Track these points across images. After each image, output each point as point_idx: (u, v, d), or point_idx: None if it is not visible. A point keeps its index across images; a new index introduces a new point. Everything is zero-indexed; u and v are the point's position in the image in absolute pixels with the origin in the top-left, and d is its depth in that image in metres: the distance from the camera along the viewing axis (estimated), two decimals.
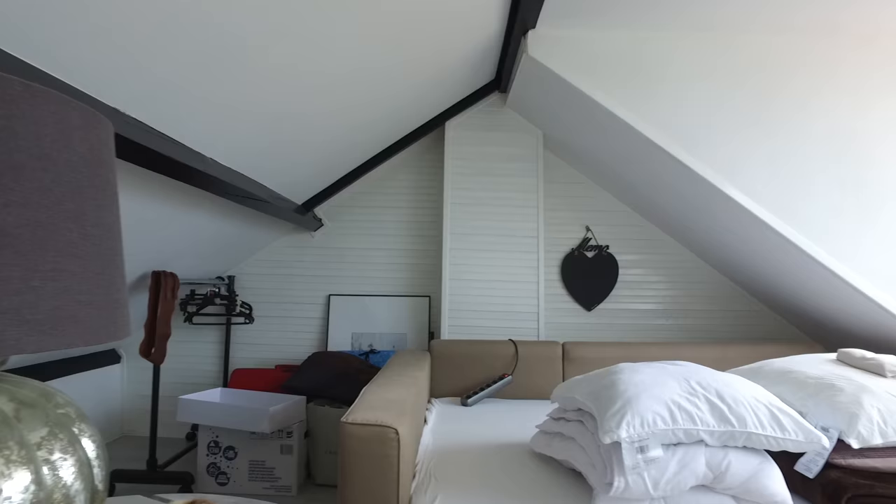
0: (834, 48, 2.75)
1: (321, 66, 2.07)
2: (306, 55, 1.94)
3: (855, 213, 2.68)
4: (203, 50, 1.58)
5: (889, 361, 1.79)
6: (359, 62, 2.21)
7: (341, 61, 2.13)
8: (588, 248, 3.54)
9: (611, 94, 2.68)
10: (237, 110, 2.02)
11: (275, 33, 1.72)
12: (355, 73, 2.29)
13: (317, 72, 2.09)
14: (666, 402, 1.51)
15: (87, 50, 1.36)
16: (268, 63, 1.84)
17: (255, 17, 1.59)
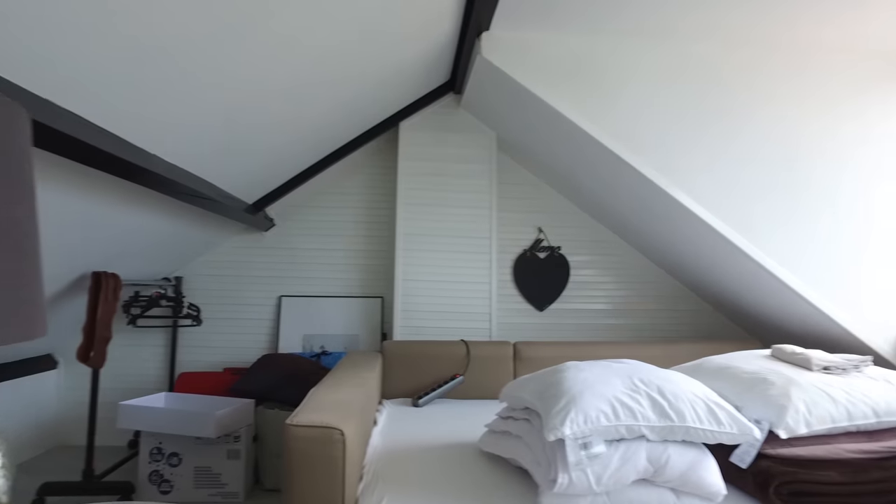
0: (781, 62, 2.88)
1: (271, 65, 2.03)
2: (255, 54, 1.90)
3: (793, 217, 2.81)
4: (146, 44, 1.54)
5: (815, 356, 1.88)
6: (310, 61, 2.18)
7: (292, 61, 2.10)
8: (540, 249, 3.59)
9: (564, 98, 2.73)
10: (184, 107, 1.97)
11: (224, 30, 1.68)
12: (307, 72, 2.26)
13: (267, 70, 2.06)
14: (609, 399, 1.54)
15: (16, 34, 1.30)
16: (217, 60, 1.80)
17: (202, 11, 1.55)
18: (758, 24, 2.65)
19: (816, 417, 1.67)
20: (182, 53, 1.66)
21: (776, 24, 2.67)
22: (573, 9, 2.56)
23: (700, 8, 2.52)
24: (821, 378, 1.80)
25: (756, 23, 2.64)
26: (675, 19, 2.62)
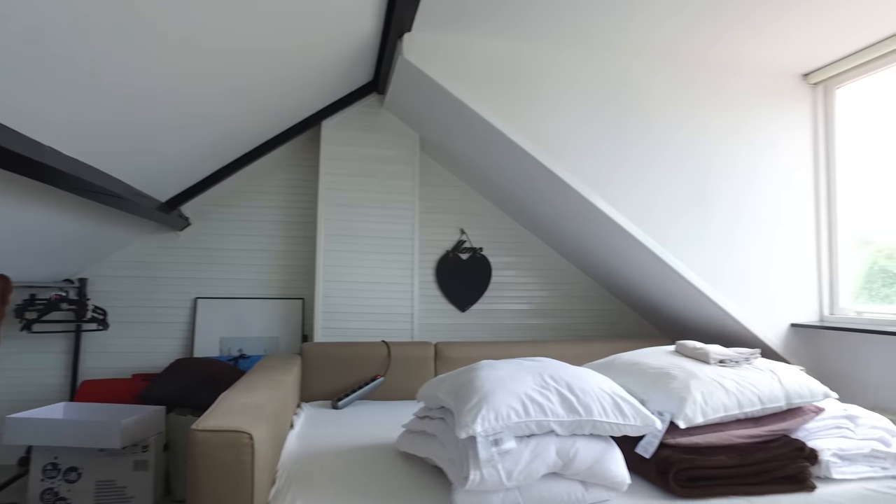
0: (697, 75, 3.06)
1: (185, 57, 1.95)
2: (168, 44, 1.82)
3: (698, 221, 2.99)
4: (41, 27, 1.43)
5: (713, 350, 2.01)
6: (227, 56, 2.11)
7: (208, 54, 2.02)
8: (462, 251, 3.64)
9: (485, 102, 2.78)
10: (85, 95, 1.85)
11: (127, 13, 1.59)
12: (224, 66, 2.18)
13: (182, 62, 1.97)
14: (520, 395, 1.58)
15: None
16: (121, 44, 1.70)
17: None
18: (676, 39, 2.80)
19: (711, 407, 1.79)
20: (77, 39, 1.56)
21: (695, 41, 2.84)
22: (496, 14, 2.61)
23: (619, 20, 2.63)
24: (716, 371, 1.92)
25: (674, 38, 2.79)
26: (594, 29, 2.73)
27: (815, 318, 3.14)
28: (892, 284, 2.89)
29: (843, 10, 2.51)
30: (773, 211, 3.11)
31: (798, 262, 3.14)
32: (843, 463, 1.85)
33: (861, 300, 3.02)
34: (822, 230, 3.17)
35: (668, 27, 2.69)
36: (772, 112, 3.16)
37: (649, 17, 2.60)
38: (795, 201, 3.16)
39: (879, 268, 2.96)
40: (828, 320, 3.11)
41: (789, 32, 2.72)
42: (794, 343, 3.08)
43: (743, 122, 3.10)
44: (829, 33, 2.72)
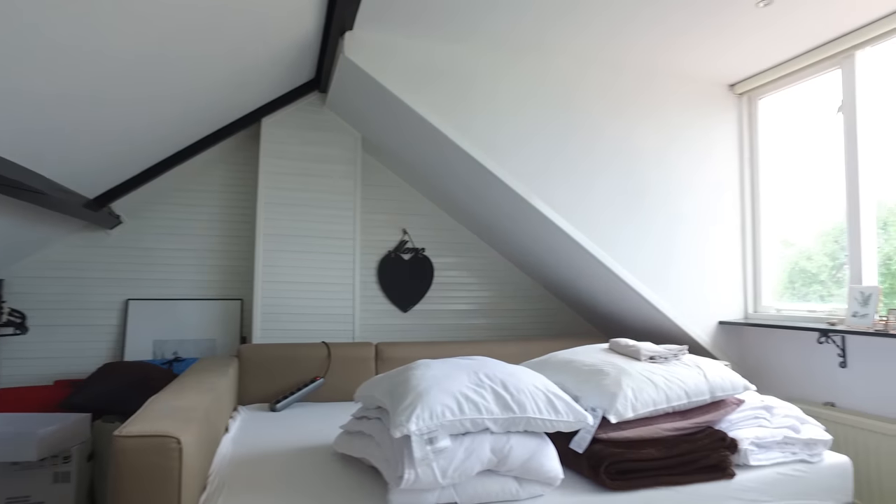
0: (634, 83, 3.16)
1: (116, 47, 1.86)
2: (96, 32, 1.73)
3: (633, 222, 3.09)
4: None
5: (644, 347, 2.09)
6: (161, 49, 2.03)
7: (141, 46, 1.94)
8: (404, 251, 3.63)
9: (427, 102, 2.78)
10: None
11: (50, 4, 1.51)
12: (157, 58, 2.10)
13: (111, 52, 1.88)
14: (455, 394, 1.59)
15: None
16: (44, 34, 1.61)
17: None
18: (615, 48, 2.89)
19: (641, 402, 1.85)
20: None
21: (632, 50, 2.94)
22: (438, 16, 2.62)
23: (560, 28, 2.69)
24: (647, 367, 2.00)
25: (614, 47, 2.88)
26: (536, 35, 2.78)
27: (740, 316, 3.30)
28: (810, 284, 3.08)
29: (765, 26, 2.65)
30: (703, 214, 3.26)
31: (726, 262, 3.30)
32: (759, 450, 1.96)
33: (784, 298, 3.20)
34: (748, 233, 3.35)
35: (607, 37, 2.78)
36: (703, 120, 3.31)
37: (589, 26, 2.68)
38: (724, 205, 3.32)
39: (800, 269, 3.15)
40: (751, 318, 3.28)
41: (718, 45, 2.85)
42: (721, 339, 3.23)
43: (676, 128, 3.23)
44: (752, 47, 2.88)
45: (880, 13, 2.54)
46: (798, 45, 2.85)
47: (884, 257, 2.75)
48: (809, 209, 3.07)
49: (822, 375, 2.82)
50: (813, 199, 3.04)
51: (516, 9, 2.52)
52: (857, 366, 2.67)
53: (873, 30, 2.62)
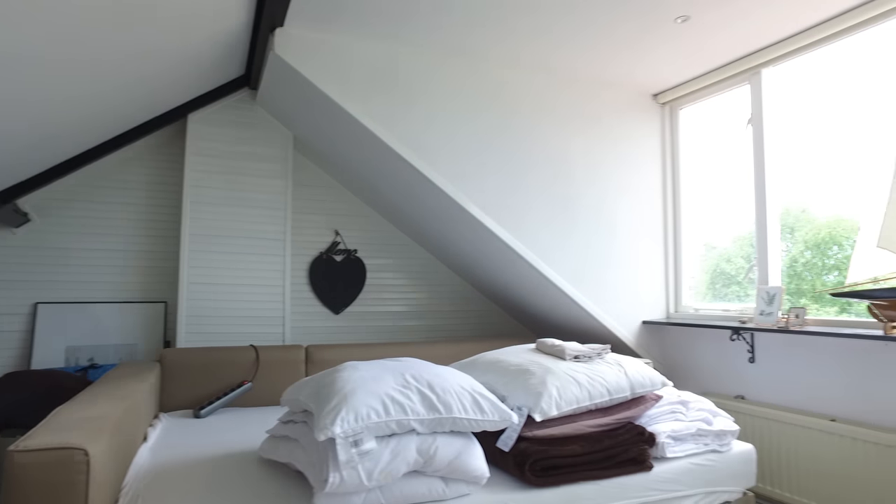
0: (559, 88, 3.24)
1: (25, 37, 1.74)
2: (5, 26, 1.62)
3: (561, 225, 3.18)
4: None
5: (569, 346, 2.15)
6: (75, 38, 1.92)
7: (54, 36, 1.82)
8: (337, 252, 3.59)
9: (360, 103, 2.76)
10: None
11: None
12: (71, 48, 1.98)
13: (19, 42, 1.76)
14: (380, 395, 1.59)
15: None
16: None
17: None
18: (547, 55, 2.96)
19: (565, 400, 1.91)
20: None
21: (563, 58, 3.02)
22: (374, 17, 2.61)
23: (493, 34, 2.73)
24: (571, 366, 2.06)
25: (545, 55, 2.95)
26: (470, 40, 2.81)
27: (662, 316, 3.46)
28: (729, 285, 3.26)
29: (684, 41, 2.80)
30: (629, 217, 3.40)
31: (649, 264, 3.45)
32: (675, 443, 2.06)
33: (707, 299, 3.37)
34: (670, 236, 3.51)
35: (539, 44, 2.85)
36: (628, 126, 3.44)
37: (521, 33, 2.73)
38: (648, 209, 3.47)
39: (720, 270, 3.33)
40: (672, 317, 3.45)
41: (641, 56, 2.98)
42: (644, 338, 3.38)
43: (603, 133, 3.35)
44: (672, 60, 3.03)
45: (783, 35, 2.73)
46: (712, 60, 3.02)
47: (791, 260, 2.95)
48: (727, 214, 3.25)
49: (734, 370, 3.00)
50: (730, 204, 3.22)
51: (444, 10, 2.55)
52: (763, 361, 2.85)
53: (777, 50, 2.81)
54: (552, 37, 2.78)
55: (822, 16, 2.56)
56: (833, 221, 2.79)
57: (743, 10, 2.52)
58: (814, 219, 2.88)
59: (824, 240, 2.83)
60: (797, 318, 2.63)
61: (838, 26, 2.55)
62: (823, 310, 2.76)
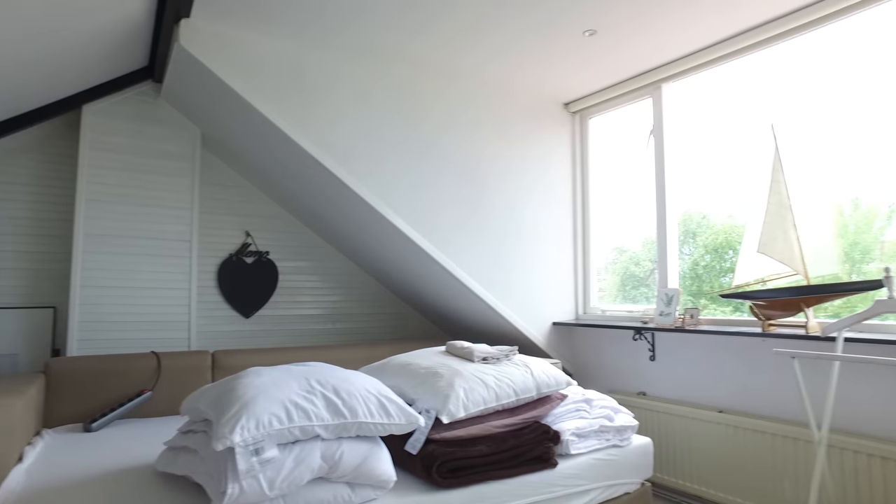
0: (472, 93, 3.28)
1: None
2: None
3: (474, 228, 3.23)
4: None
5: (477, 349, 2.19)
6: None
7: None
8: (247, 254, 3.46)
9: (271, 102, 2.68)
10: None
11: None
12: None
13: None
14: (283, 402, 1.55)
15: None
16: None
17: None
18: (459, 60, 3.00)
19: (473, 402, 1.94)
20: None
21: (475, 64, 3.06)
22: (282, 13, 2.54)
23: (406, 36, 2.74)
24: (479, 368, 2.09)
25: (457, 59, 2.98)
26: (383, 41, 2.80)
27: (571, 317, 3.59)
28: (638, 287, 3.43)
29: (591, 53, 2.92)
30: (540, 222, 3.50)
31: (559, 267, 3.57)
32: (579, 440, 2.14)
33: (618, 300, 3.53)
34: (579, 240, 3.66)
35: (450, 48, 2.88)
36: (540, 133, 3.55)
37: (432, 37, 2.75)
38: (558, 214, 3.59)
39: (630, 273, 3.49)
40: (581, 318, 3.58)
41: (551, 66, 3.09)
42: (554, 339, 3.49)
43: (515, 139, 3.44)
44: (581, 71, 3.15)
45: (682, 53, 2.92)
46: (618, 73, 3.18)
47: (693, 263, 3.15)
48: (635, 219, 3.41)
49: (637, 368, 3.16)
50: (637, 210, 3.38)
51: (355, 10, 2.53)
52: (663, 358, 3.02)
53: (676, 67, 3.00)
54: (464, 41, 2.82)
55: (717, 37, 2.75)
56: (728, 227, 3.01)
57: (645, 28, 2.66)
58: (713, 224, 3.09)
59: (721, 244, 3.04)
60: (692, 318, 2.82)
61: (732, 47, 2.75)
62: (721, 310, 2.96)
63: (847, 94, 2.50)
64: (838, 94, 2.53)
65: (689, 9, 2.51)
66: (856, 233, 2.59)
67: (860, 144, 2.46)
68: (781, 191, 2.56)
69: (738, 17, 2.58)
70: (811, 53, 2.62)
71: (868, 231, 2.55)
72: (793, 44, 2.64)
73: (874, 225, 2.53)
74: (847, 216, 2.60)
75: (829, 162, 2.58)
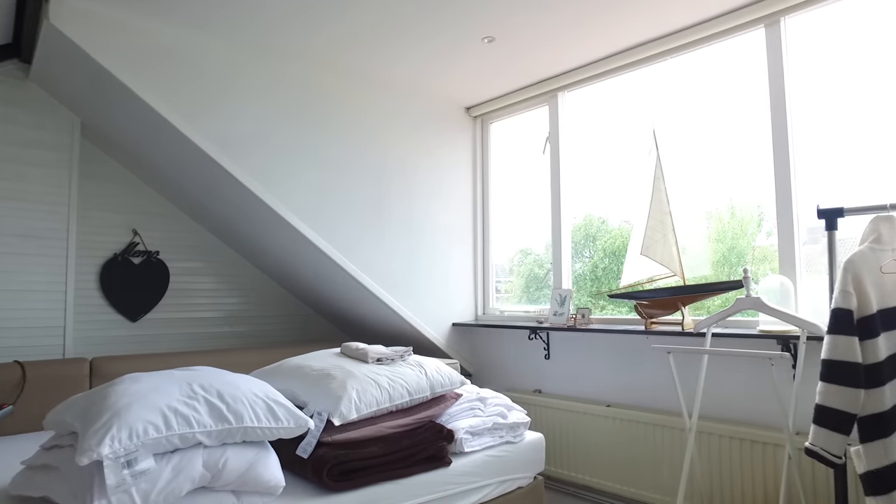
0: (375, 94, 3.26)
1: None
2: None
3: (375, 230, 3.21)
4: None
5: (372, 350, 2.18)
6: None
7: None
8: (135, 254, 3.24)
9: (157, 91, 2.53)
10: None
11: None
12: None
13: None
14: (161, 409, 1.47)
15: None
16: None
17: None
18: (362, 61, 2.97)
19: (365, 403, 1.93)
20: None
21: (379, 66, 3.05)
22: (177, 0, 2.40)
23: (307, 32, 2.67)
24: (374, 369, 2.09)
25: (361, 60, 2.95)
26: (283, 36, 2.72)
27: (471, 318, 3.66)
28: (541, 288, 3.54)
29: (490, 60, 3.00)
30: (441, 225, 3.54)
31: (461, 269, 3.63)
32: (473, 438, 2.18)
33: (522, 301, 3.62)
34: (479, 242, 3.74)
35: (354, 49, 2.85)
36: (442, 136, 3.60)
37: (334, 36, 2.71)
38: (460, 216, 3.65)
39: (534, 275, 3.60)
40: (481, 319, 3.67)
41: (451, 70, 3.14)
42: (454, 339, 3.55)
43: (419, 142, 3.46)
44: (481, 77, 3.23)
45: (577, 64, 3.06)
46: (516, 81, 3.28)
47: (593, 265, 3.30)
48: (537, 222, 3.51)
49: (533, 366, 3.28)
50: (539, 213, 3.48)
51: (255, 4, 2.45)
52: (557, 357, 3.16)
53: (570, 77, 3.15)
54: (366, 43, 2.81)
55: (608, 51, 2.91)
56: (625, 231, 3.18)
57: (543, 38, 2.77)
58: (611, 229, 3.25)
59: (619, 248, 3.21)
60: (583, 317, 2.96)
61: (622, 61, 2.93)
62: (618, 310, 3.11)
63: (722, 109, 2.74)
64: (715, 109, 2.76)
65: (580, 27, 2.63)
66: (733, 238, 2.83)
67: (733, 156, 2.70)
68: (662, 197, 2.76)
69: (626, 35, 2.75)
70: (692, 71, 2.84)
71: (743, 236, 2.80)
72: (679, 60, 2.84)
73: (748, 231, 2.78)
74: (725, 223, 2.84)
75: (706, 171, 2.80)
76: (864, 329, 1.66)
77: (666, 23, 2.64)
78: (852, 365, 1.63)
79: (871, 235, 1.76)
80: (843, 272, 1.69)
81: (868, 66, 2.30)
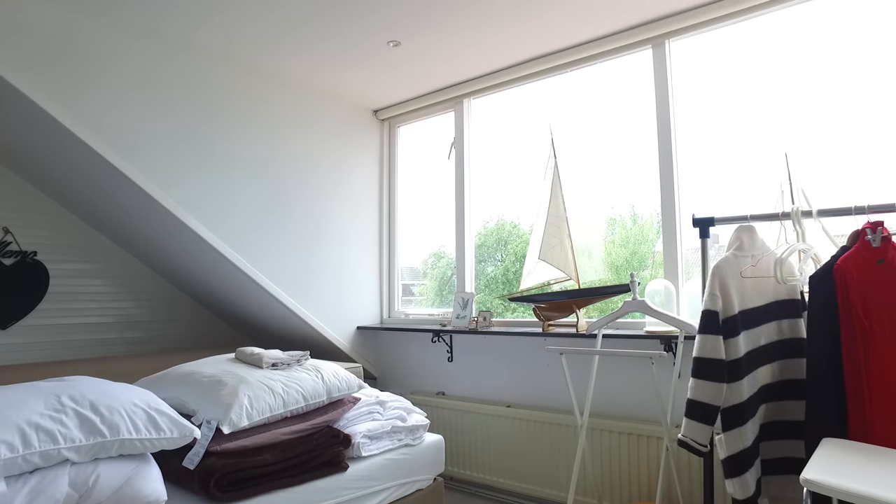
0: (257, 85, 3.13)
1: None
2: None
3: (277, 232, 3.12)
4: None
5: (267, 354, 2.13)
6: None
7: None
8: (6, 254, 2.97)
9: (25, 72, 2.30)
10: None
11: None
12: None
13: None
14: (20, 425, 1.36)
15: None
16: None
17: None
18: (256, 53, 2.87)
19: (257, 409, 1.88)
20: None
21: (275, 60, 2.95)
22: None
23: (198, 21, 2.55)
24: (268, 374, 2.03)
25: (255, 52, 2.85)
26: (173, 23, 2.58)
27: (376, 321, 3.65)
28: (454, 291, 3.56)
29: (396, 64, 3.01)
30: (346, 226, 3.51)
31: (366, 272, 3.61)
32: (371, 442, 2.18)
33: (436, 304, 3.63)
34: (385, 245, 3.73)
35: (246, 40, 2.74)
36: (347, 138, 3.56)
37: (227, 25, 2.60)
38: (366, 219, 3.63)
39: (447, 278, 3.63)
40: (385, 322, 3.66)
41: (357, 73, 3.11)
42: (358, 343, 3.52)
43: (322, 143, 3.40)
44: (387, 81, 3.23)
45: (481, 72, 3.13)
46: (423, 86, 3.31)
47: (504, 269, 3.37)
48: (449, 226, 3.52)
49: (436, 369, 3.31)
50: (450, 217, 3.49)
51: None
52: (460, 359, 3.21)
53: (476, 84, 3.21)
54: (259, 36, 2.71)
55: (509, 61, 3.00)
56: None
57: (448, 44, 2.81)
58: (522, 233, 3.34)
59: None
60: (484, 320, 3.03)
61: (524, 71, 3.02)
62: (528, 313, 3.17)
63: (617, 121, 2.90)
64: (611, 121, 2.92)
65: (478, 38, 2.70)
66: (635, 243, 2.99)
67: (630, 165, 2.86)
68: (559, 203, 2.88)
69: (520, 48, 2.84)
70: (589, 84, 2.98)
71: (644, 242, 2.97)
72: (576, 74, 2.98)
73: (648, 237, 2.95)
74: (629, 229, 3.00)
75: (606, 179, 2.95)
76: (727, 328, 1.81)
77: (558, 38, 2.75)
78: (717, 362, 1.78)
79: (735, 243, 1.93)
80: (711, 276, 1.85)
81: (743, 86, 2.52)
